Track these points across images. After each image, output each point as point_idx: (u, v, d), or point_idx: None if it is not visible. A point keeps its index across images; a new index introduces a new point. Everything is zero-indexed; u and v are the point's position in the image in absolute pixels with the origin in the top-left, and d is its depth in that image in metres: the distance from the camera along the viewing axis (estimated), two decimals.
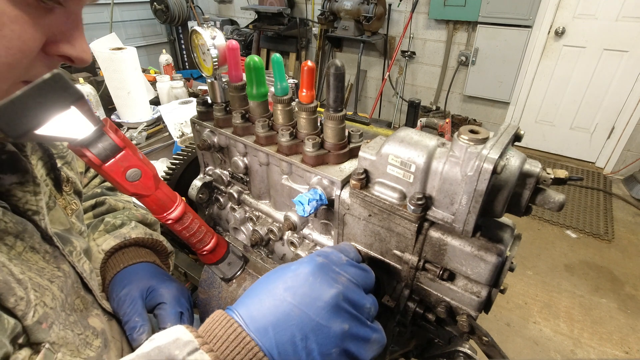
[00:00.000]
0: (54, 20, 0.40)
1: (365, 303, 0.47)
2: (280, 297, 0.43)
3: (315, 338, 0.41)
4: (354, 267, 0.50)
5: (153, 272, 0.75)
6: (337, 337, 0.42)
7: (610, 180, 3.78)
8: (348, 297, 0.45)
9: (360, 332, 0.45)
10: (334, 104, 0.61)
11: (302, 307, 0.42)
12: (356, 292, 0.46)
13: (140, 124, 1.87)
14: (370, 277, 0.51)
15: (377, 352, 0.47)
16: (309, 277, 0.44)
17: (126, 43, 1.90)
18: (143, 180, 0.57)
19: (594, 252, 2.89)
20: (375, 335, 0.47)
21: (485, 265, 0.53)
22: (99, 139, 0.50)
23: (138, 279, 0.72)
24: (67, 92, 0.40)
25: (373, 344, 0.46)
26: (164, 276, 0.76)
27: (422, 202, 0.51)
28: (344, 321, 0.43)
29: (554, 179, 0.47)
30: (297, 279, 0.44)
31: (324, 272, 0.45)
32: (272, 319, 0.41)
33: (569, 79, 3.84)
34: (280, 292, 0.43)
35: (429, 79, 4.59)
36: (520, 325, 2.31)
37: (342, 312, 0.44)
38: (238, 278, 0.86)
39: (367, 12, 3.95)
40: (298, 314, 0.42)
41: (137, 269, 0.75)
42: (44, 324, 0.48)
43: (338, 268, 0.48)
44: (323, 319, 0.42)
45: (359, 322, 0.45)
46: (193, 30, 0.72)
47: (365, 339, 0.45)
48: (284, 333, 0.40)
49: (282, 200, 0.77)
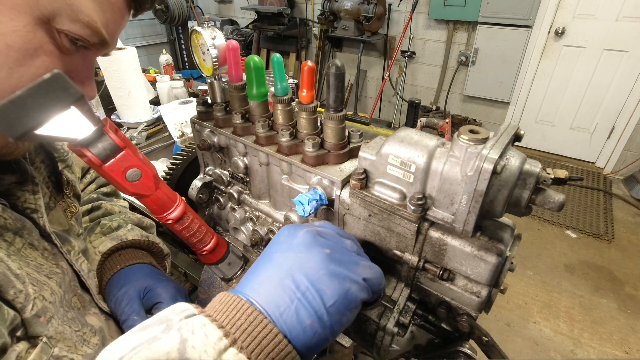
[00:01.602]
0: (75, 60, 0.46)
1: (343, 241, 0.49)
2: (265, 256, 0.47)
3: (300, 272, 0.43)
4: (344, 236, 0.52)
5: (150, 273, 0.76)
6: (322, 261, 0.44)
7: (610, 180, 3.78)
8: (322, 233, 0.48)
9: (344, 257, 0.46)
10: (334, 104, 0.61)
11: (282, 252, 0.45)
12: (330, 234, 0.49)
13: (140, 124, 1.87)
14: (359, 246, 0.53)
15: (375, 277, 0.47)
16: (284, 232, 0.49)
17: (126, 43, 1.90)
18: (143, 180, 0.57)
19: (594, 252, 2.89)
20: (364, 261, 0.48)
21: (485, 265, 0.53)
22: (99, 139, 0.50)
23: (135, 279, 0.72)
24: (67, 92, 0.40)
25: (365, 267, 0.47)
26: (160, 276, 0.76)
27: (422, 202, 0.51)
28: (323, 247, 0.45)
29: (554, 179, 0.47)
30: (277, 239, 0.49)
31: (296, 227, 0.49)
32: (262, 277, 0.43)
33: (569, 79, 3.84)
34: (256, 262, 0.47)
35: (429, 79, 4.59)
36: (520, 325, 2.31)
37: (320, 239, 0.46)
38: (238, 278, 0.86)
39: (367, 12, 3.95)
40: (278, 261, 0.44)
41: (134, 269, 0.75)
42: (42, 318, 0.48)
43: (309, 226, 0.51)
44: (302, 251, 0.45)
45: (342, 251, 0.47)
46: (193, 30, 0.72)
47: (352, 262, 0.46)
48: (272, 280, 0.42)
49: (282, 200, 0.77)
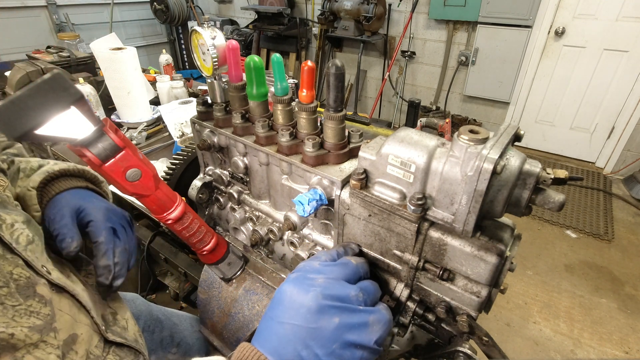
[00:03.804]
0: None
1: (349, 292, 0.49)
2: (272, 322, 0.47)
3: (314, 342, 0.44)
4: (328, 266, 0.52)
5: (83, 195, 0.76)
6: (333, 333, 0.44)
7: (610, 180, 3.78)
8: (328, 293, 0.47)
9: (353, 320, 0.46)
10: (334, 104, 0.61)
11: (291, 321, 0.45)
12: (335, 286, 0.49)
13: (140, 124, 1.87)
14: (351, 267, 0.54)
15: (384, 330, 0.48)
16: (287, 294, 0.48)
17: (126, 43, 1.90)
18: (143, 180, 0.57)
19: (594, 252, 2.89)
20: (372, 316, 0.48)
21: (485, 265, 0.53)
22: (99, 139, 0.50)
23: (67, 201, 0.72)
24: (67, 92, 0.41)
25: (373, 325, 0.47)
26: (93, 197, 0.76)
27: (422, 202, 0.51)
28: (332, 316, 0.45)
29: (554, 179, 0.47)
30: (279, 300, 0.48)
31: (299, 283, 0.49)
32: (275, 344, 0.44)
33: (569, 79, 3.84)
34: (270, 317, 0.47)
35: (429, 79, 4.59)
36: (520, 325, 2.31)
37: (327, 308, 0.46)
38: (238, 278, 0.86)
39: (367, 12, 3.95)
40: (290, 329, 0.45)
41: (66, 195, 0.75)
42: None
43: (312, 274, 0.50)
44: (311, 322, 0.45)
45: (349, 311, 0.47)
46: (193, 30, 0.72)
47: (362, 324, 0.46)
48: (287, 351, 0.43)
49: (282, 200, 0.77)
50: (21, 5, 4.12)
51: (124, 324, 0.72)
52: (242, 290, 0.84)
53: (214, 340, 0.89)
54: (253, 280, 0.85)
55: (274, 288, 0.82)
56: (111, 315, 0.71)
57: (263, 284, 0.83)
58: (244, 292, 0.83)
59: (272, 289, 0.82)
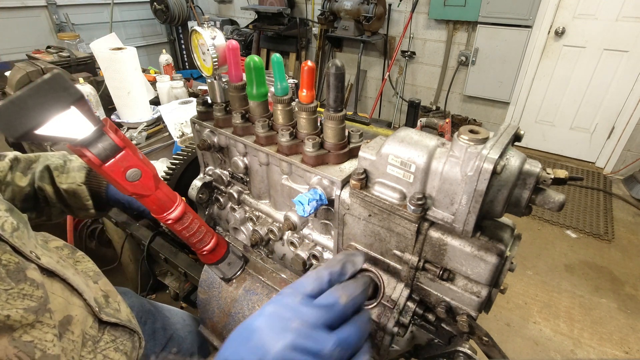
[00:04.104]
0: None
1: (324, 347, 0.41)
2: None
3: None
4: (309, 306, 0.44)
5: None
6: None
7: (610, 180, 3.78)
8: (299, 344, 0.40)
9: None
10: (334, 104, 0.61)
11: None
12: (310, 337, 0.41)
13: (140, 124, 1.87)
14: (336, 310, 0.44)
15: None
16: (257, 334, 0.42)
17: (126, 43, 1.90)
18: (143, 180, 0.57)
19: (594, 252, 2.89)
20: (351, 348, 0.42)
21: (485, 265, 0.53)
22: (99, 139, 0.50)
23: None
24: (67, 92, 0.41)
25: None
26: None
27: (422, 202, 0.51)
28: None
29: (554, 179, 0.47)
30: (247, 338, 0.42)
31: (272, 323, 0.43)
32: None
33: (569, 79, 3.84)
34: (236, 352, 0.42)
35: (429, 79, 4.59)
36: (520, 325, 2.31)
37: None
38: (238, 278, 0.86)
39: (367, 12, 3.95)
40: None
41: None
42: None
43: (289, 313, 0.43)
44: None
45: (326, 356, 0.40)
46: (193, 30, 0.72)
47: None
48: None
49: (282, 200, 0.77)
50: (21, 5, 4.12)
51: (116, 306, 0.75)
52: (242, 290, 0.84)
53: (214, 340, 0.89)
54: (253, 280, 0.85)
55: (274, 288, 0.82)
56: (103, 298, 0.73)
57: (263, 284, 0.83)
58: (244, 292, 0.83)
59: (272, 289, 0.82)
